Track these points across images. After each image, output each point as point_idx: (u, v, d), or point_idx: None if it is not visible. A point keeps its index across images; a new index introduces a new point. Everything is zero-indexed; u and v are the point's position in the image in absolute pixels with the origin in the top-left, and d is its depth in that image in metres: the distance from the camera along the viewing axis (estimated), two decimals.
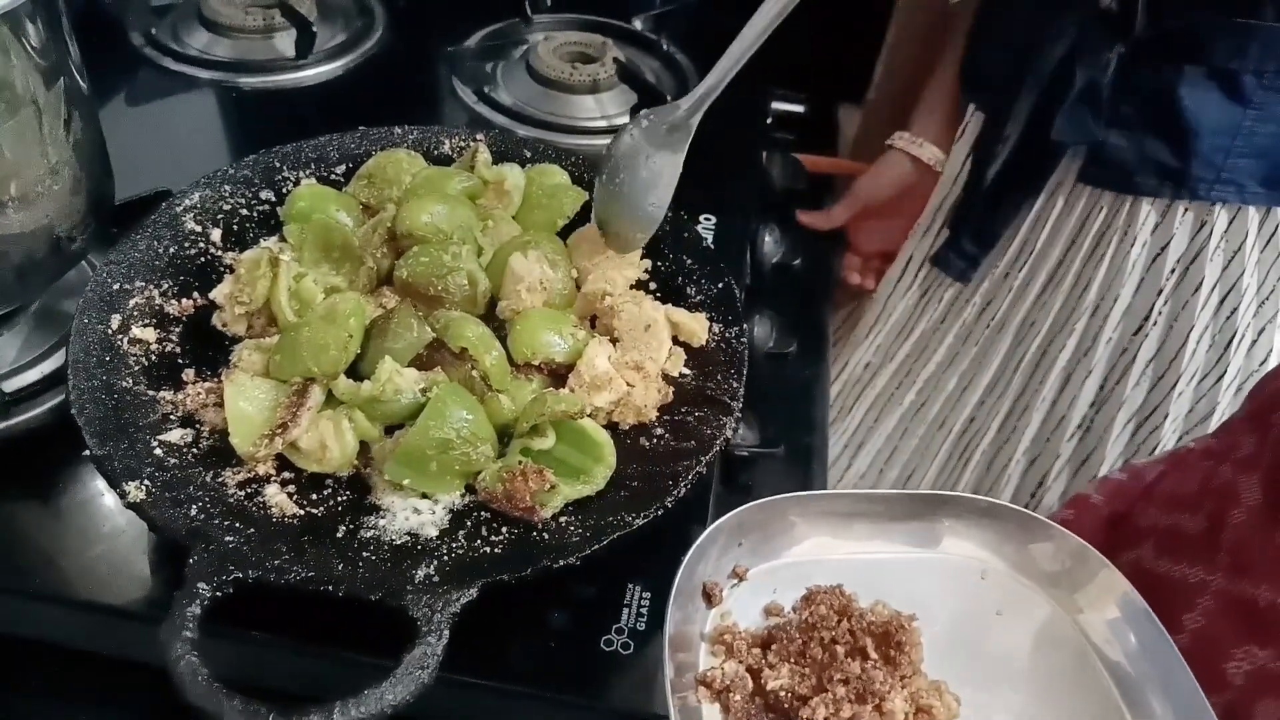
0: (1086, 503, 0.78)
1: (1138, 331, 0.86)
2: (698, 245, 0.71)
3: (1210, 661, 0.60)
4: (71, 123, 0.59)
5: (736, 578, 0.53)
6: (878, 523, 0.55)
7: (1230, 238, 0.81)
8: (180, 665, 0.43)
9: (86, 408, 0.54)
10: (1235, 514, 0.62)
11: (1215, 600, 0.62)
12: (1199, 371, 0.86)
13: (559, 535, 0.53)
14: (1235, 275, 0.82)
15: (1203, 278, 0.82)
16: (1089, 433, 0.91)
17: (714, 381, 0.62)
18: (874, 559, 0.54)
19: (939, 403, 1.00)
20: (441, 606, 0.46)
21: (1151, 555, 0.67)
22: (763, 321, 0.78)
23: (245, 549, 0.49)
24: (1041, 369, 0.91)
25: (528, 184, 0.73)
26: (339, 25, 1.04)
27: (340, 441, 0.56)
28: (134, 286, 0.62)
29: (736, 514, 0.52)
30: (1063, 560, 0.54)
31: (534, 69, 0.98)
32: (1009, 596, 0.54)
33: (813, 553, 0.54)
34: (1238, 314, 0.83)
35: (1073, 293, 0.88)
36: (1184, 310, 0.84)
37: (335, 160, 0.74)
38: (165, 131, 0.89)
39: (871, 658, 0.48)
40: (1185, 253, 0.82)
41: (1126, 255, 0.84)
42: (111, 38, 0.96)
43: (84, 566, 0.56)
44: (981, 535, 0.55)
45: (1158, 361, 0.86)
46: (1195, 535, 0.65)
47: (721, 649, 0.50)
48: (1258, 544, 0.60)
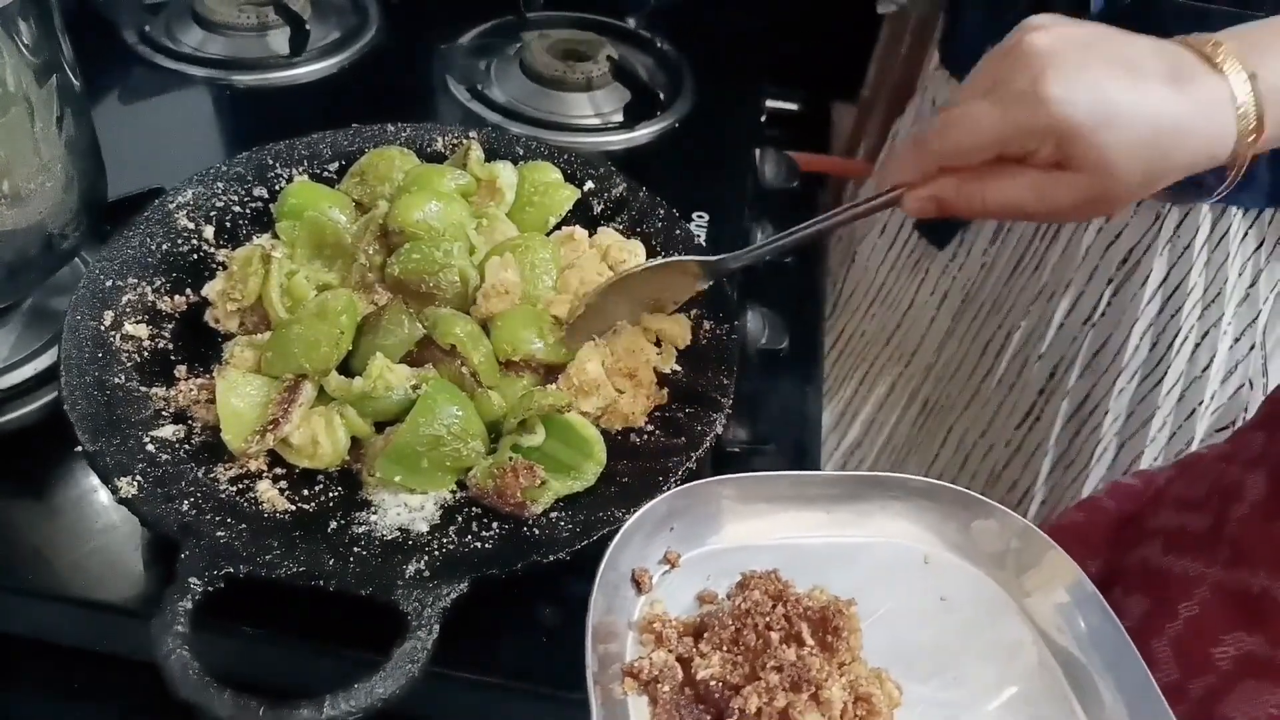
0: (1097, 505, 0.78)
1: (1086, 321, 0.86)
2: (690, 242, 0.71)
3: (1199, 646, 0.60)
4: (64, 120, 0.60)
5: (668, 564, 0.51)
6: (817, 505, 0.53)
7: (1181, 234, 0.80)
8: (171, 660, 0.43)
9: (79, 404, 0.54)
10: (1239, 508, 0.62)
11: (1211, 590, 0.62)
12: (1140, 369, 0.85)
13: (549, 530, 0.53)
14: (1181, 274, 0.81)
15: (1150, 271, 0.82)
16: (1038, 422, 0.91)
17: (705, 378, 0.62)
18: (812, 543, 0.52)
19: (918, 375, 1.01)
20: (432, 601, 0.46)
21: (1159, 553, 0.68)
22: (755, 319, 0.79)
23: (236, 544, 0.49)
24: (1000, 352, 0.92)
25: (520, 181, 0.73)
26: (333, 23, 1.04)
27: (332, 437, 0.56)
28: (126, 283, 0.62)
29: (666, 498, 0.50)
30: (1007, 540, 0.52)
31: (527, 66, 0.98)
32: (952, 581, 0.52)
33: (749, 538, 0.52)
34: (1181, 314, 0.82)
35: (1032, 278, 0.88)
36: (1130, 304, 0.83)
37: (328, 157, 0.74)
38: (158, 129, 0.89)
39: (808, 644, 0.46)
40: (1137, 244, 0.82)
41: (1080, 242, 0.84)
42: (105, 35, 0.96)
43: (76, 563, 0.56)
44: (922, 516, 0.53)
45: (1103, 353, 0.86)
46: (1200, 532, 0.65)
47: (650, 638, 0.47)
48: (1258, 533, 0.60)
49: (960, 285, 0.95)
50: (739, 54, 1.05)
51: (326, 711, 0.42)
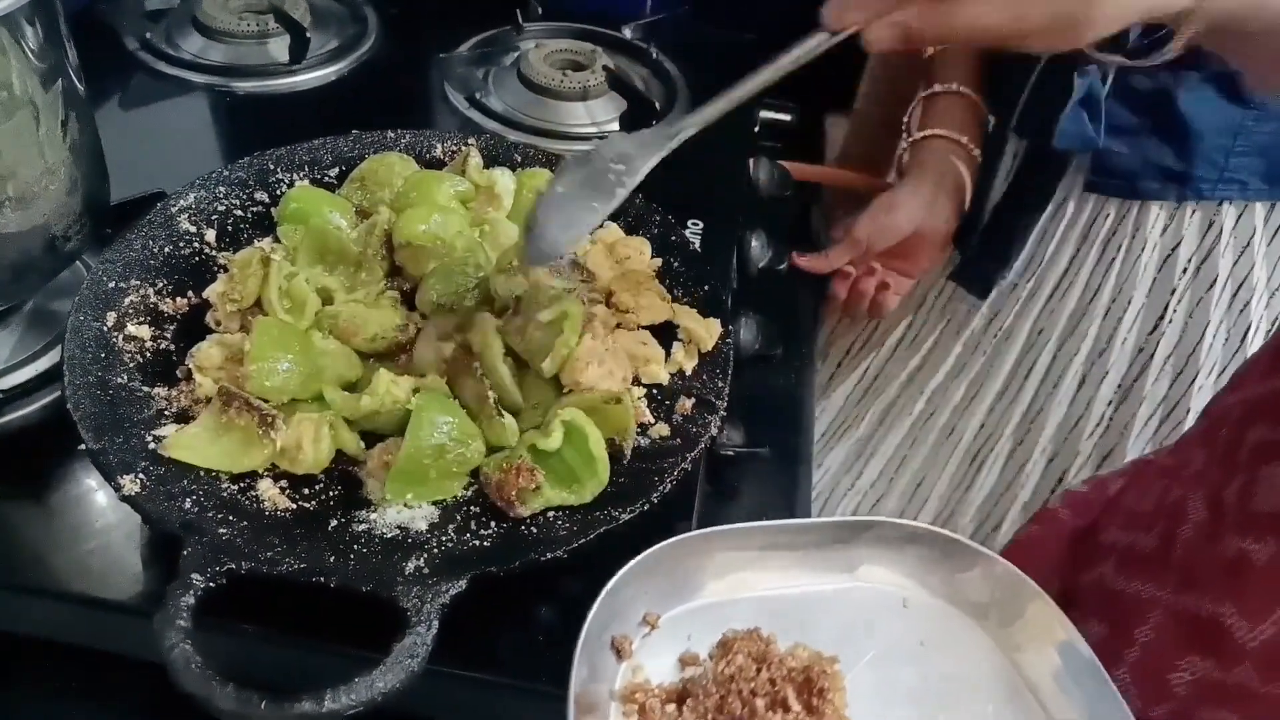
0: (1053, 516, 0.78)
1: (1154, 330, 0.87)
2: (685, 248, 0.72)
3: (1157, 673, 0.61)
4: (68, 124, 0.60)
5: (648, 626, 0.50)
6: (796, 553, 0.53)
7: (1239, 234, 0.82)
8: (174, 654, 0.43)
9: (82, 403, 0.54)
10: (1184, 530, 0.63)
11: (1164, 614, 0.62)
12: (1217, 365, 0.87)
13: (546, 529, 0.54)
14: (1246, 270, 0.83)
15: (1216, 274, 0.83)
16: (1109, 430, 0.91)
17: (700, 381, 0.63)
18: (792, 594, 0.52)
19: (947, 412, 1.00)
20: (431, 598, 0.47)
21: (1113, 573, 0.68)
22: (749, 325, 0.79)
23: (238, 541, 0.50)
24: (1053, 374, 0.92)
25: (519, 187, 0.74)
26: (332, 31, 1.05)
27: (316, 447, 0.56)
28: (129, 285, 0.63)
29: (643, 558, 0.49)
30: (991, 590, 0.52)
31: (525, 76, 0.99)
32: (933, 626, 0.52)
33: (728, 592, 0.52)
34: (1250, 307, 0.84)
35: (1083, 298, 0.88)
36: (1199, 307, 0.85)
37: (329, 163, 0.75)
38: (159, 134, 0.90)
39: (794, 709, 0.46)
40: (1196, 251, 0.83)
41: (1138, 259, 0.85)
42: (106, 42, 0.97)
43: (77, 561, 0.56)
44: (904, 562, 0.53)
45: (1176, 357, 0.87)
46: (1149, 552, 0.66)
47: (633, 708, 0.47)
48: (1202, 558, 0.61)
49: (985, 320, 0.95)
50: (733, 65, 1.06)
51: (327, 705, 0.42)
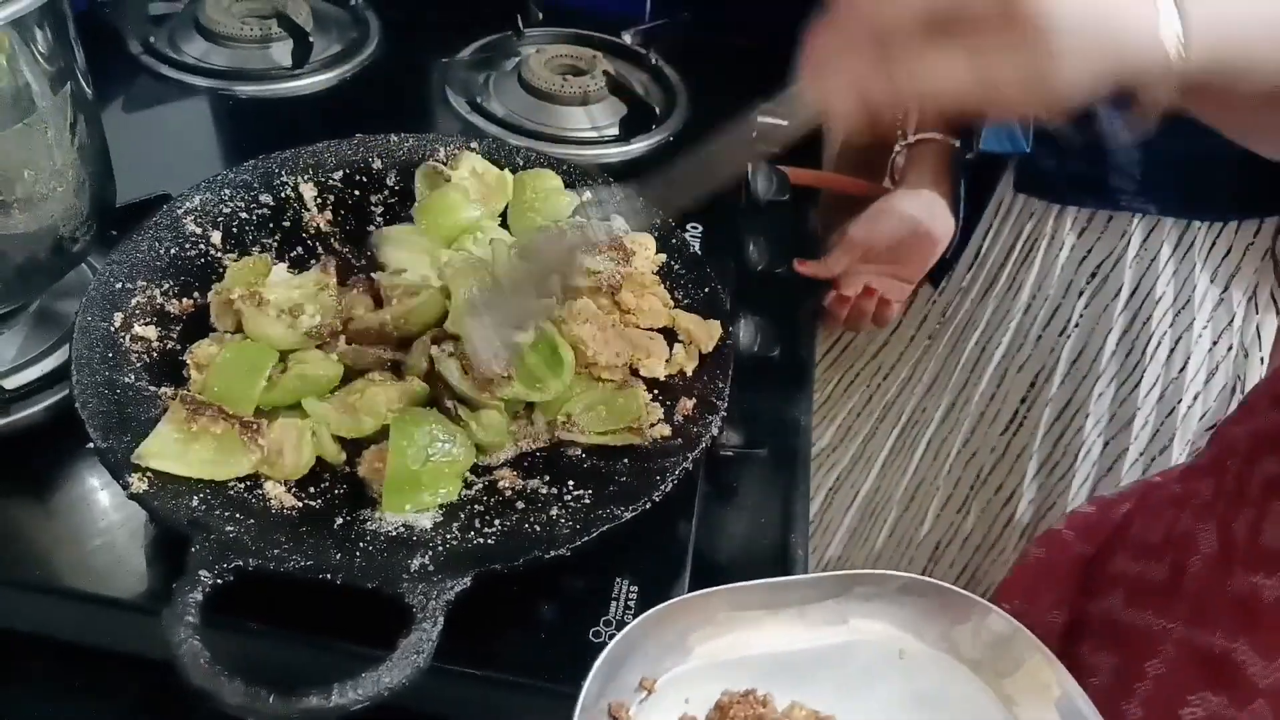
0: (1059, 539, 0.79)
1: (1062, 332, 0.91)
2: (685, 251, 0.73)
3: (1168, 707, 0.61)
4: (76, 127, 0.61)
5: (645, 691, 0.49)
6: (791, 609, 0.52)
7: (1148, 247, 0.86)
8: (182, 650, 0.44)
9: (89, 402, 0.55)
10: (1194, 562, 0.63)
11: (1175, 648, 0.62)
12: (1117, 374, 0.90)
13: (550, 527, 0.55)
14: (1150, 284, 0.86)
15: (1121, 284, 0.87)
16: (1021, 428, 0.95)
17: (701, 382, 0.64)
18: (789, 651, 0.52)
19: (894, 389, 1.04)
20: (436, 594, 0.48)
21: (1121, 605, 0.69)
22: (748, 327, 0.80)
23: (245, 539, 0.50)
24: (980, 366, 0.96)
25: (522, 187, 0.75)
26: (334, 36, 1.05)
27: (296, 453, 0.57)
28: (136, 286, 0.63)
29: (639, 623, 0.49)
30: (987, 641, 0.52)
31: (525, 81, 1.00)
32: (930, 679, 0.52)
33: (725, 652, 0.51)
34: (1152, 321, 0.87)
35: (1007, 294, 0.93)
36: (1103, 314, 0.88)
37: (332, 166, 0.75)
38: (163, 137, 0.90)
39: None
40: (1106, 260, 0.87)
41: (1055, 259, 0.89)
42: (110, 45, 0.98)
43: (81, 560, 0.57)
44: (899, 614, 0.53)
45: (1081, 360, 0.91)
46: (1159, 584, 0.66)
47: None
48: (1213, 592, 0.61)
49: (939, 311, 0.99)
50: (732, 71, 1.07)
51: (334, 700, 0.43)
